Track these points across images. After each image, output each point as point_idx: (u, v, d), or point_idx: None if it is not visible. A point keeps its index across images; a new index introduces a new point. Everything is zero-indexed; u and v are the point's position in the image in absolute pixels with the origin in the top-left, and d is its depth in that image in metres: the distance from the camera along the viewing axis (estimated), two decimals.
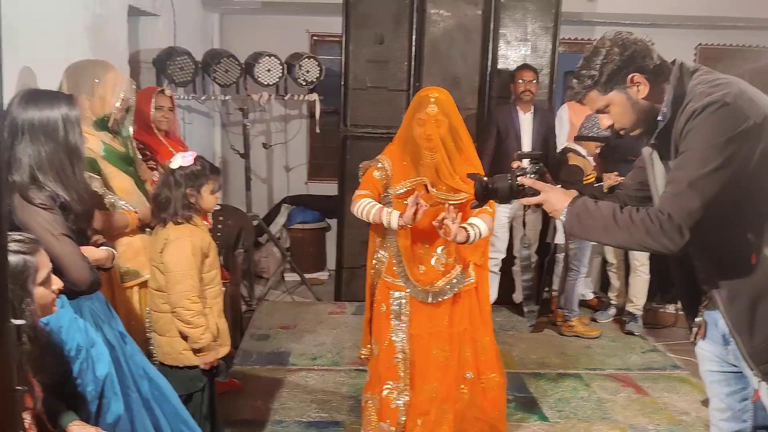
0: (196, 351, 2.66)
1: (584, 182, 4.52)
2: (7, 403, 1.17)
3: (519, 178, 2.02)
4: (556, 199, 1.95)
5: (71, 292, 2.16)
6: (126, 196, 2.71)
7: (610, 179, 4.60)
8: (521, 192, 2.02)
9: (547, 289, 2.14)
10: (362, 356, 3.27)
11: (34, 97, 2.22)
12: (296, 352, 4.34)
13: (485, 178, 2.09)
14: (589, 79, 1.91)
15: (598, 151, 4.59)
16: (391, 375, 2.98)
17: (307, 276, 5.79)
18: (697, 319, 2.08)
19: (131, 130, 2.88)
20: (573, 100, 5.54)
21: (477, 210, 2.88)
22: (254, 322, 4.90)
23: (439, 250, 2.97)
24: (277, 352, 4.33)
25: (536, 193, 1.99)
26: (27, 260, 1.73)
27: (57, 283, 1.87)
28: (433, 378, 2.96)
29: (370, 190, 2.94)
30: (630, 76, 1.88)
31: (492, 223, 2.95)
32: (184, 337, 2.64)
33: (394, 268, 2.98)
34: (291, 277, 5.93)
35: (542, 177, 2.05)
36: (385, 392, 2.99)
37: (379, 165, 2.96)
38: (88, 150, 2.59)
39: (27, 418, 1.65)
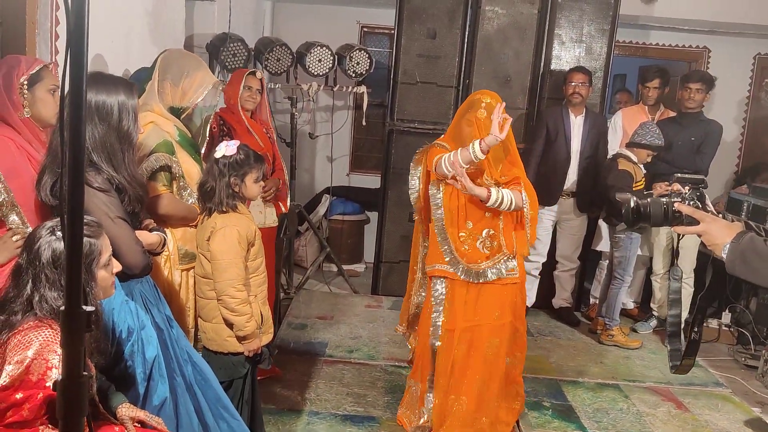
0: (240, 338, 2.68)
1: (633, 189, 4.44)
2: (75, 389, 1.19)
3: (676, 204, 1.86)
4: (719, 232, 1.80)
5: (123, 274, 2.18)
6: (191, 182, 2.74)
7: (660, 188, 4.51)
8: (677, 219, 1.87)
9: (696, 330, 1.89)
10: (398, 331, 3.52)
11: (95, 80, 2.22)
12: (333, 343, 4.35)
13: (638, 200, 1.92)
14: None
15: (649, 159, 4.49)
16: (429, 367, 3.16)
17: (344, 267, 5.81)
18: None
19: (207, 133, 2.93)
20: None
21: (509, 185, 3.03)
22: (292, 310, 4.92)
23: (484, 233, 3.05)
24: (313, 342, 4.34)
25: (694, 222, 1.83)
26: (92, 243, 1.75)
27: (117, 266, 1.89)
28: (479, 371, 3.08)
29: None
30: None
31: (520, 200, 3.01)
32: (229, 325, 2.66)
33: (440, 247, 3.05)
34: (328, 267, 5.95)
35: (702, 205, 1.89)
36: (427, 382, 3.18)
37: (445, 147, 3.10)
38: (165, 133, 2.63)
39: None
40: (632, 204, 1.92)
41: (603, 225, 4.95)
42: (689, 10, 5.79)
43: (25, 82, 2.21)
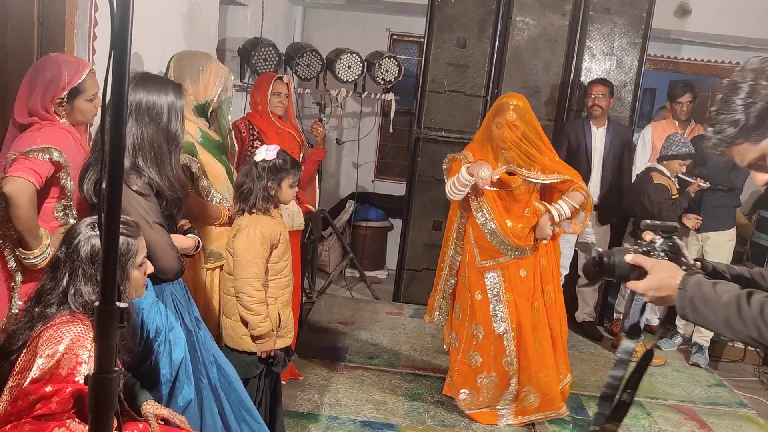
0: (254, 338, 2.71)
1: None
2: (106, 385, 1.20)
3: (627, 256, 1.58)
4: (664, 281, 1.52)
5: (155, 277, 2.20)
6: (216, 183, 2.77)
7: (696, 183, 4.43)
8: (638, 270, 1.58)
9: (629, 391, 1.57)
10: (427, 320, 3.80)
11: (144, 80, 2.25)
12: (353, 349, 4.36)
13: (600, 250, 1.61)
14: (731, 126, 1.38)
15: (683, 170, 4.44)
16: (503, 353, 3.43)
17: (366, 273, 5.82)
18: None
19: (229, 119, 2.96)
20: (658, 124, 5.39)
21: (570, 189, 3.35)
22: (313, 314, 4.94)
23: (526, 211, 3.41)
24: (334, 347, 4.36)
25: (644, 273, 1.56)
26: (130, 243, 1.78)
27: (150, 268, 1.91)
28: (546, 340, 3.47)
29: None
30: None
31: (581, 198, 3.36)
32: (245, 323, 2.70)
33: (489, 239, 3.35)
34: (350, 272, 5.97)
35: (676, 255, 1.59)
36: (504, 365, 3.46)
37: (467, 157, 3.36)
38: (187, 135, 2.67)
39: None
40: (593, 254, 1.61)
41: (627, 239, 4.90)
42: (722, 25, 5.72)
43: (65, 95, 2.27)
